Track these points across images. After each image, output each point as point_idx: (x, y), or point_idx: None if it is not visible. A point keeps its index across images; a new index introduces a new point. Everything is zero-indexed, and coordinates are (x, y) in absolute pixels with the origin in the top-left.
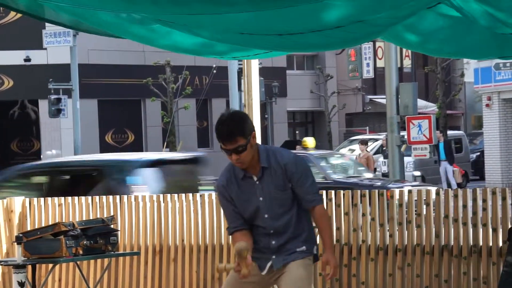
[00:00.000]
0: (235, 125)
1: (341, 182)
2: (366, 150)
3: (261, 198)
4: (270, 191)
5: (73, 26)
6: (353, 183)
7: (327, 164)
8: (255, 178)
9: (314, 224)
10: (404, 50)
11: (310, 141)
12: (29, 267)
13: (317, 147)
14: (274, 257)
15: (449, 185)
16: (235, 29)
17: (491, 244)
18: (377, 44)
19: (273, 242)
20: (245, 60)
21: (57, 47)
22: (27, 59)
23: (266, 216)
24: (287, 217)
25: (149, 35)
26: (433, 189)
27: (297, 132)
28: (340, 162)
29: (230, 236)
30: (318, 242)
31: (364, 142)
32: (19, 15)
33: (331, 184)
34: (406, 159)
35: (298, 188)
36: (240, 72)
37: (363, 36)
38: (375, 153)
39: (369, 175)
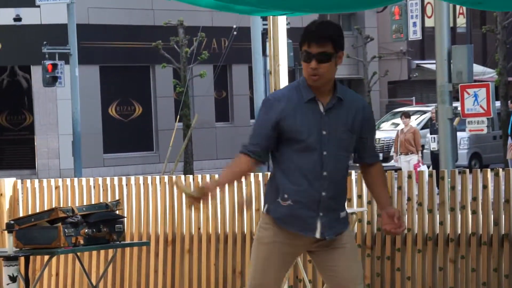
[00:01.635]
0: (332, 29)
1: None
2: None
3: (324, 132)
4: (338, 127)
5: None
6: None
7: None
8: (321, 108)
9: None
10: (458, 6)
11: None
12: (22, 259)
13: None
14: (321, 214)
15: None
16: None
17: None
18: (426, 0)
19: (324, 194)
20: (271, 20)
21: (52, 5)
22: (18, 19)
23: (324, 153)
24: (344, 163)
25: None
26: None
27: None
28: None
29: (240, 155)
30: None
31: (407, 115)
32: None
33: None
34: (459, 134)
35: (366, 139)
36: (265, 34)
37: None
38: (422, 128)
39: None
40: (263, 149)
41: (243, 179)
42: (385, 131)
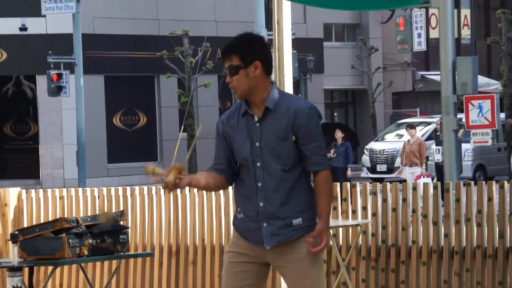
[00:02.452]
0: (237, 43)
1: None
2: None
3: (257, 144)
4: (269, 137)
5: None
6: None
7: None
8: (256, 118)
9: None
10: (462, 18)
11: None
12: (26, 269)
13: (359, 131)
14: (265, 225)
15: None
16: None
17: None
18: (431, 11)
19: (261, 204)
20: (276, 31)
21: (57, 14)
22: (23, 28)
23: (258, 164)
24: (281, 173)
25: None
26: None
27: (335, 114)
28: None
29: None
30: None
31: (412, 126)
32: None
33: None
34: (464, 146)
35: (305, 145)
36: (269, 44)
37: None
38: (427, 139)
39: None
40: (227, 168)
41: (214, 187)
42: (390, 142)
